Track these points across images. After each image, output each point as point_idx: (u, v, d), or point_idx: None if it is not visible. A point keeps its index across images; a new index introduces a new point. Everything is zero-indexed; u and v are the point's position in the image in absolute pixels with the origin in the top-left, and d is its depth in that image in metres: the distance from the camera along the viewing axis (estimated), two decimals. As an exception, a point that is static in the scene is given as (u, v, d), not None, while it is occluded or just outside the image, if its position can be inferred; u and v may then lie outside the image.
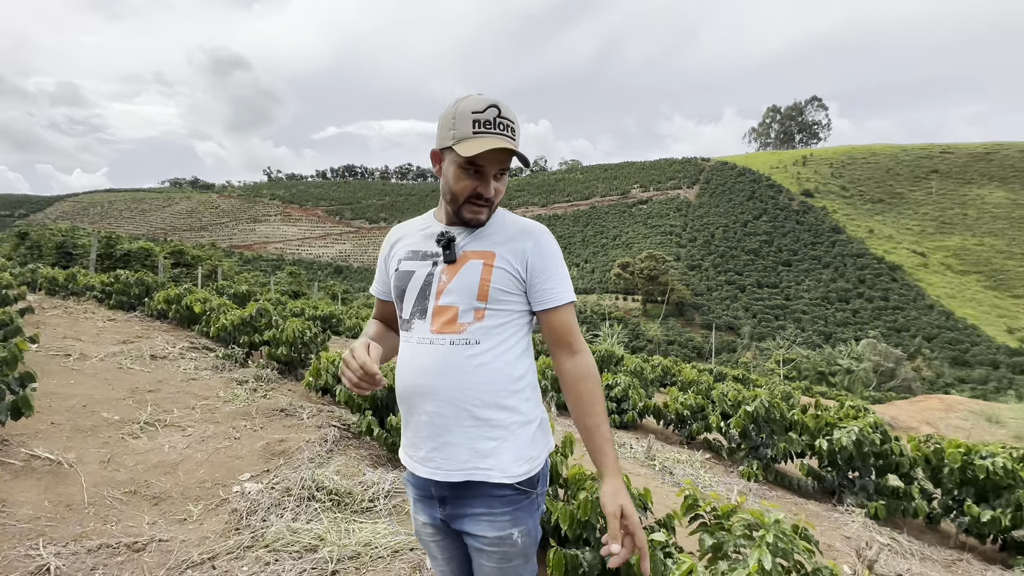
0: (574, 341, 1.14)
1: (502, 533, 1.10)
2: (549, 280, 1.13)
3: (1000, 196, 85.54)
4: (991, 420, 14.56)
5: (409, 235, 1.25)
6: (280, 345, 5.10)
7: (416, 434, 1.13)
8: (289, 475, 2.94)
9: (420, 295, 1.14)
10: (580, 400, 1.12)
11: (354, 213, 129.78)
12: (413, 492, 1.21)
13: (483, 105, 1.07)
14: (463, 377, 1.08)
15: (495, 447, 1.09)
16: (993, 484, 3.58)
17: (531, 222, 1.19)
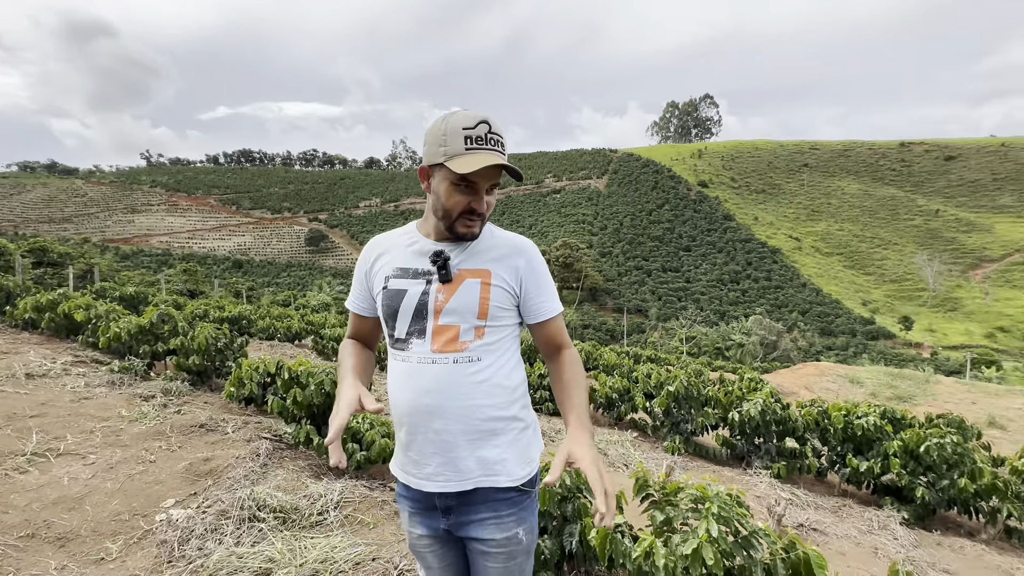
0: (563, 341, 1.24)
1: (509, 533, 1.16)
2: (541, 295, 1.20)
3: (856, 188, 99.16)
4: (853, 381, 17.05)
5: (392, 250, 1.22)
6: (191, 354, 4.64)
7: (421, 452, 1.14)
8: (222, 496, 2.73)
9: (416, 315, 1.14)
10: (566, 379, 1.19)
11: (253, 202, 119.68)
12: (409, 505, 1.21)
13: (473, 121, 1.07)
14: (467, 394, 1.11)
15: (500, 454, 1.14)
16: (867, 439, 4.24)
17: (520, 238, 1.22)
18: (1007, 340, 52.98)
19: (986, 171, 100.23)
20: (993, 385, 17.11)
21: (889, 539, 3.42)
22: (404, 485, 1.21)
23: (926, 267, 69.02)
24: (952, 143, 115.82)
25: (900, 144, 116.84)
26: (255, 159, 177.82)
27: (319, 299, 25.02)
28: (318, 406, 3.47)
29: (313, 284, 70.07)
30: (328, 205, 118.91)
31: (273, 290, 61.63)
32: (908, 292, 67.97)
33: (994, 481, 3.78)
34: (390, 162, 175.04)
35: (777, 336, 44.58)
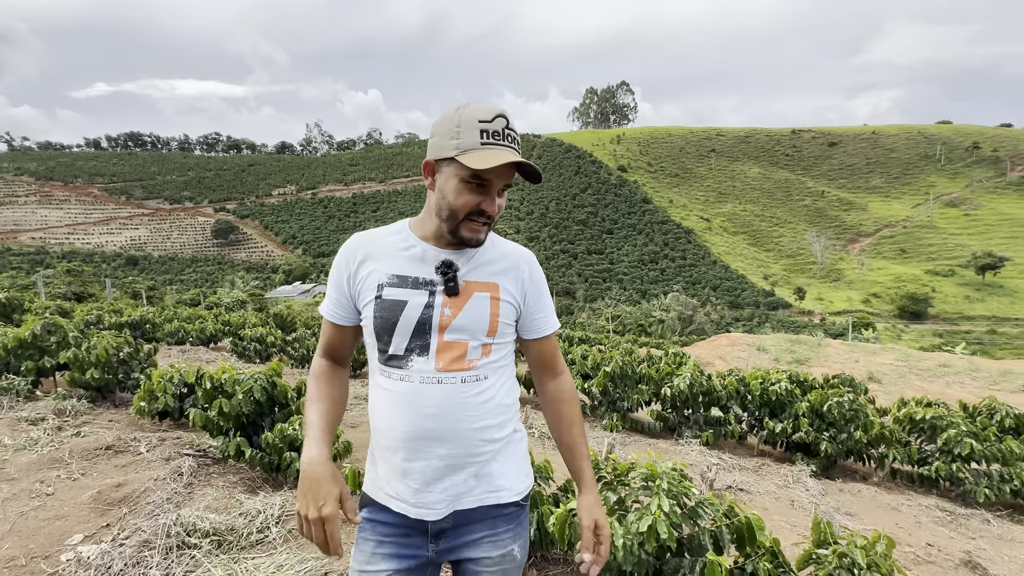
0: (557, 364, 1.20)
1: (504, 551, 1.10)
2: (542, 310, 1.16)
3: (756, 171, 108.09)
4: (760, 349, 18.78)
5: (382, 253, 1.08)
6: (88, 367, 4.11)
7: (422, 477, 1.04)
8: (142, 524, 2.46)
9: (418, 329, 1.03)
10: (561, 420, 1.18)
11: (147, 191, 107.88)
12: (384, 533, 1.06)
13: (491, 114, 0.98)
14: (473, 415, 1.04)
15: (502, 468, 1.09)
16: (780, 403, 4.68)
17: (522, 248, 1.16)
18: (879, 304, 60.86)
19: (861, 156, 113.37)
20: (871, 345, 19.55)
21: (802, 491, 3.82)
22: (385, 510, 1.07)
23: (815, 243, 77.20)
24: (834, 131, 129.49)
25: (792, 131, 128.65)
26: (146, 143, 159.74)
27: (233, 296, 23.15)
28: (247, 415, 3.22)
29: (224, 280, 64.75)
30: (236, 194, 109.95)
31: (177, 288, 56.16)
32: (801, 266, 75.76)
33: (882, 431, 4.33)
34: (304, 147, 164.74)
35: (693, 311, 47.95)
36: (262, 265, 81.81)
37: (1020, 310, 56.84)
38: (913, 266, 72.17)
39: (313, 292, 63.51)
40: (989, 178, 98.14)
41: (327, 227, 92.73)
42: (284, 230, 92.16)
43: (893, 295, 60.66)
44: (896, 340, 42.30)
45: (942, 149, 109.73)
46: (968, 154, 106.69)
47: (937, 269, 69.39)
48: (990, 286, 62.83)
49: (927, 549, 3.13)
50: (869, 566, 1.68)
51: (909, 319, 55.53)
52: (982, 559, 3.04)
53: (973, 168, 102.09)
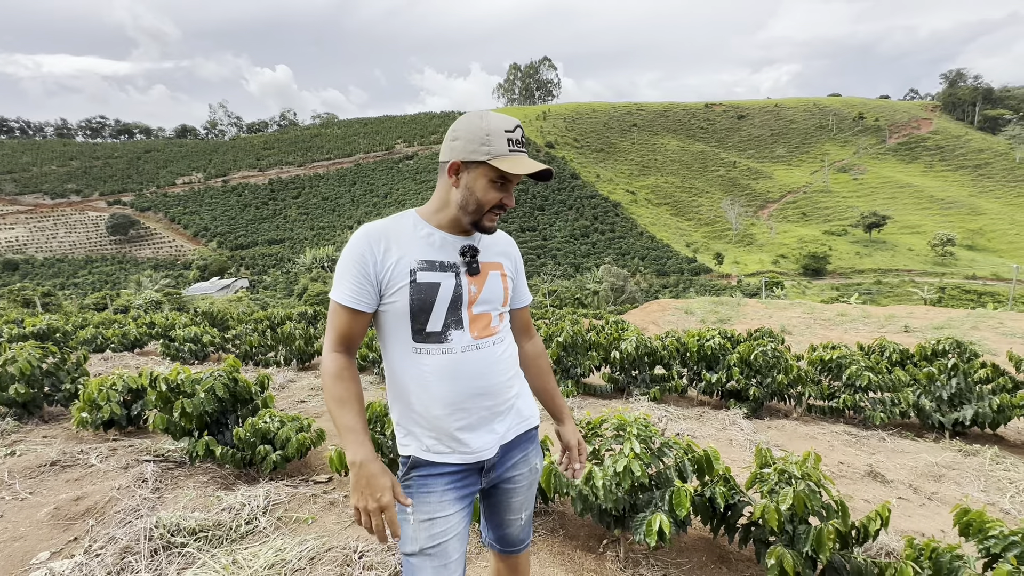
0: (531, 327, 1.50)
1: (532, 464, 1.39)
2: (523, 284, 1.44)
3: (675, 144, 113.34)
4: (687, 312, 20.14)
5: (404, 242, 1.18)
6: (11, 382, 3.76)
7: (474, 431, 1.22)
8: (116, 533, 2.38)
9: (452, 306, 1.18)
10: (540, 371, 1.48)
11: (21, 185, 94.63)
12: (446, 482, 1.20)
13: (512, 125, 1.16)
14: (503, 368, 1.28)
15: (524, 405, 1.37)
16: (714, 356, 5.20)
17: (506, 234, 1.38)
18: (786, 264, 66.86)
19: (766, 128, 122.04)
20: (782, 301, 21.59)
21: (737, 431, 4.32)
22: (439, 465, 1.19)
23: (729, 211, 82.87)
24: (742, 104, 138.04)
25: (705, 105, 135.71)
26: (12, 129, 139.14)
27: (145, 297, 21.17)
28: (211, 413, 3.14)
29: (128, 281, 58.82)
30: (133, 184, 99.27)
31: (72, 293, 50.26)
32: (718, 232, 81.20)
33: (799, 374, 4.96)
34: (209, 130, 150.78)
35: (624, 281, 50.20)
36: (171, 262, 75.10)
37: (900, 262, 64.78)
38: (813, 228, 79.70)
39: (235, 288, 59.38)
40: (872, 145, 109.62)
41: (243, 217, 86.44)
42: (194, 222, 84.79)
43: (797, 255, 66.85)
44: (802, 295, 46.95)
45: (833, 120, 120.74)
46: (855, 124, 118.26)
47: (832, 229, 77.15)
48: (875, 242, 70.93)
49: (839, 466, 3.70)
50: (803, 476, 2.03)
51: (812, 276, 61.59)
52: (881, 469, 3.65)
53: (859, 136, 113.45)
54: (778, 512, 1.88)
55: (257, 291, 56.02)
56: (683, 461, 2.23)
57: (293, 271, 64.16)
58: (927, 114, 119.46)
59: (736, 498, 2.19)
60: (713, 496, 2.17)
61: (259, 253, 74.32)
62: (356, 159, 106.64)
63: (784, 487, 2.00)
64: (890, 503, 1.99)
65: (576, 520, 2.56)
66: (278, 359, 7.26)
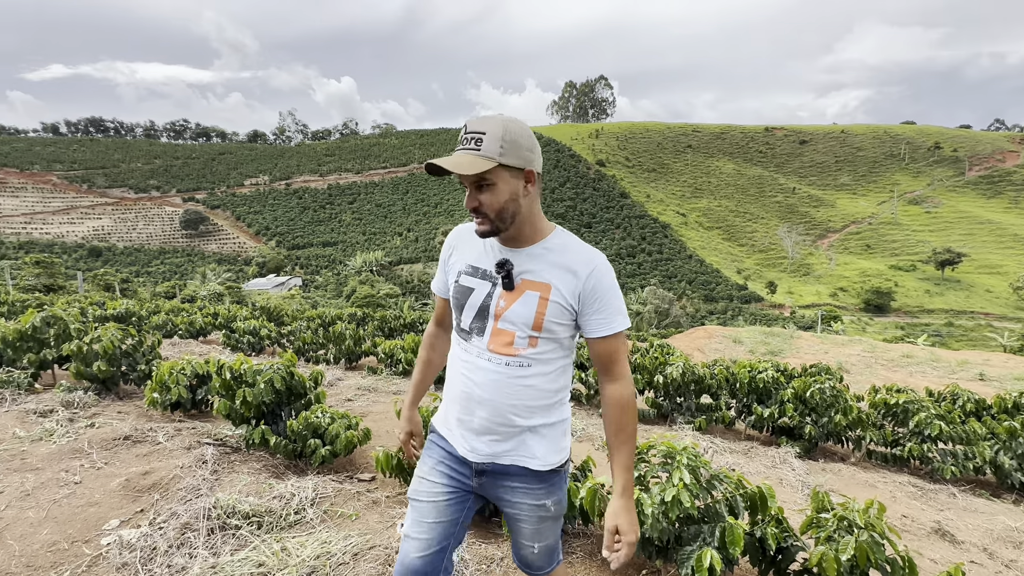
0: (615, 369, 1.23)
1: (537, 503, 1.28)
2: (600, 312, 1.20)
3: (731, 168, 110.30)
4: (735, 341, 19.38)
5: (467, 243, 1.29)
6: (95, 359, 4.10)
7: (469, 428, 1.27)
8: (178, 509, 2.54)
9: (479, 314, 1.22)
10: (610, 424, 1.24)
11: (111, 180, 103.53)
12: (441, 455, 1.32)
13: (464, 125, 1.15)
14: (513, 394, 1.21)
15: (536, 443, 1.26)
16: (766, 390, 4.98)
17: (589, 253, 1.21)
18: (845, 298, 63.18)
19: (830, 154, 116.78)
20: (840, 336, 20.39)
21: (789, 471, 4.10)
22: (443, 439, 1.32)
23: (786, 238, 79.46)
24: (804, 128, 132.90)
25: (765, 129, 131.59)
26: (108, 129, 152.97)
27: (210, 289, 22.61)
28: (267, 404, 3.30)
29: (195, 272, 62.87)
30: (206, 183, 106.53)
31: (145, 281, 54.24)
32: (772, 260, 77.93)
33: (859, 415, 4.66)
34: (278, 136, 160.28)
35: (669, 304, 48.94)
36: (234, 257, 79.72)
37: (976, 304, 59.87)
38: (877, 261, 75.08)
39: (288, 286, 62.26)
40: (949, 177, 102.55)
41: (301, 219, 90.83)
42: (257, 221, 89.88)
43: (859, 289, 63.06)
44: (861, 332, 44.13)
45: (906, 148, 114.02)
46: (930, 154, 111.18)
47: (900, 264, 72.38)
48: (948, 281, 65.91)
49: (902, 520, 3.43)
50: (865, 526, 1.90)
51: (873, 312, 57.89)
52: (950, 527, 3.37)
53: (934, 167, 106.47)
54: (837, 562, 1.78)
55: (309, 290, 58.47)
56: (735, 496, 2.14)
57: (344, 273, 66.60)
58: (1014, 146, 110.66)
59: (789, 542, 2.08)
60: (764, 537, 2.07)
61: (313, 254, 77.70)
62: (410, 168, 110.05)
63: (844, 535, 1.88)
64: (963, 565, 1.84)
65: (616, 546, 2.50)
66: (328, 357, 7.54)
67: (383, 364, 6.83)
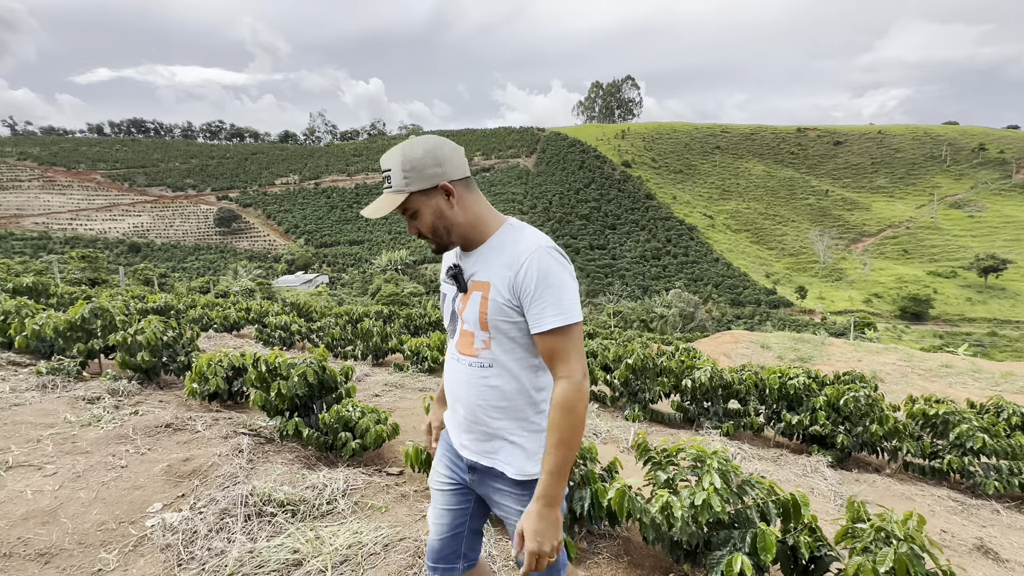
0: (556, 368, 1.13)
1: (522, 506, 1.23)
2: (535, 305, 1.11)
3: (760, 169, 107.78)
4: (763, 346, 18.92)
5: (450, 255, 1.36)
6: (139, 350, 4.29)
7: (456, 424, 1.37)
8: (217, 495, 2.64)
9: (451, 317, 1.32)
10: (547, 425, 1.15)
11: (150, 178, 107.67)
12: (445, 448, 1.43)
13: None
14: (480, 394, 1.24)
15: (511, 451, 1.23)
16: (797, 397, 4.86)
17: (526, 243, 1.15)
18: (880, 304, 60.99)
19: (866, 156, 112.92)
20: (874, 344, 19.71)
21: (820, 480, 4.00)
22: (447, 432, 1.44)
23: (817, 242, 77.20)
24: (839, 129, 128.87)
25: (797, 130, 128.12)
26: (148, 130, 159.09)
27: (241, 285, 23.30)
28: (301, 397, 3.40)
29: (227, 268, 64.88)
30: (239, 182, 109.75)
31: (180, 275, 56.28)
32: (803, 264, 75.80)
33: (896, 425, 4.51)
34: (308, 136, 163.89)
35: (694, 308, 48.09)
36: (264, 254, 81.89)
37: (1021, 312, 56.99)
38: (915, 267, 72.24)
39: (315, 283, 63.62)
40: (994, 180, 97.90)
41: (329, 217, 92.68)
42: (287, 219, 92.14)
43: (895, 295, 60.77)
44: (897, 340, 42.51)
45: (948, 150, 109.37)
46: (974, 155, 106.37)
47: (939, 270, 69.45)
48: (992, 288, 62.94)
49: (941, 535, 3.31)
50: (904, 538, 1.85)
51: (910, 320, 55.73)
52: (993, 545, 3.23)
53: (979, 170, 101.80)
54: (875, 573, 1.73)
55: (335, 288, 59.61)
56: (766, 503, 2.11)
57: (369, 271, 67.70)
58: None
59: (823, 551, 2.04)
60: (797, 545, 2.03)
61: (340, 252, 79.22)
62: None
63: (882, 547, 1.84)
64: (1011, 583, 1.77)
65: (643, 548, 2.49)
66: (356, 353, 7.69)
67: (409, 361, 6.93)
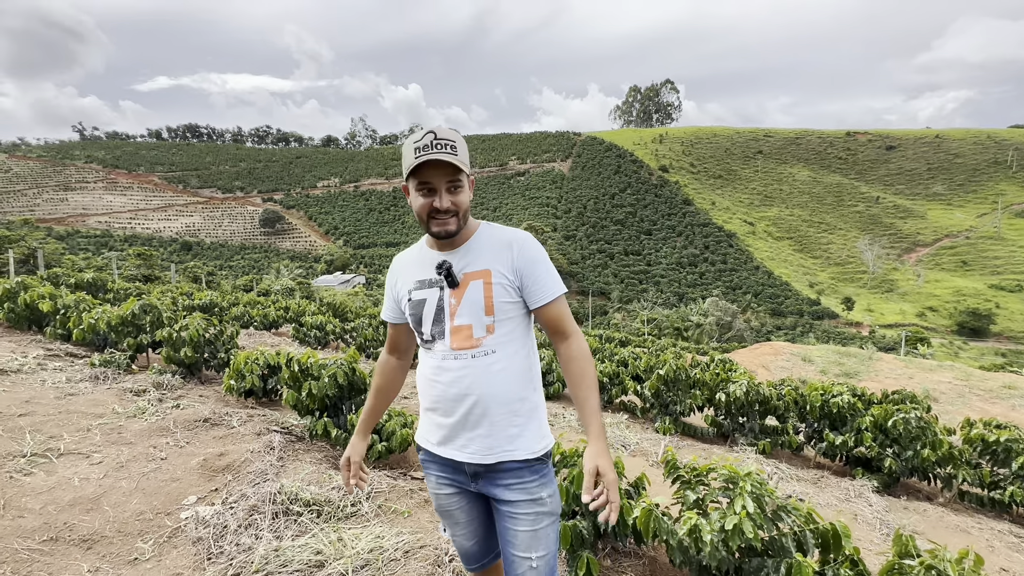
0: (565, 327, 1.31)
1: (533, 496, 1.30)
2: (537, 281, 1.29)
3: (805, 174, 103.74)
4: (805, 359, 18.13)
5: (410, 265, 1.39)
6: (183, 346, 4.48)
7: (453, 429, 1.32)
8: (247, 491, 2.71)
9: (436, 319, 1.30)
10: (571, 377, 1.30)
11: (202, 181, 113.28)
12: (437, 470, 1.39)
13: (422, 134, 1.22)
14: (487, 383, 1.27)
15: (519, 432, 1.30)
16: (841, 416, 4.61)
17: (513, 232, 1.33)
18: (935, 319, 57.49)
19: (922, 161, 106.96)
20: (928, 361, 18.57)
21: (865, 506, 3.77)
22: (431, 453, 1.38)
23: (867, 251, 73.52)
24: (892, 133, 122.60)
25: (846, 134, 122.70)
26: (202, 135, 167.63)
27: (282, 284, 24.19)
28: (331, 398, 3.46)
29: (270, 267, 67.40)
30: (284, 185, 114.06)
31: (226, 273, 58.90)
32: (850, 274, 72.34)
33: (950, 451, 4.21)
34: (349, 141, 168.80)
35: (732, 317, 46.59)
36: (305, 254, 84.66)
37: (1097, 332, 52.53)
38: (975, 279, 67.74)
39: (352, 283, 65.26)
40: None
41: (368, 219, 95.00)
42: (327, 221, 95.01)
43: (951, 309, 57.17)
44: (953, 357, 39.88)
45: (1014, 155, 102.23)
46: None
47: (1002, 284, 64.87)
48: (1063, 304, 58.30)
49: (1001, 574, 3.06)
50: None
51: (968, 336, 52.27)
52: (1062, 588, 2.95)
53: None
54: (924, 616, 1.60)
55: (372, 288, 61.00)
56: (804, 531, 1.99)
57: (404, 273, 68.71)
58: None
59: (866, 587, 1.90)
60: (836, 578, 1.91)
61: (377, 253, 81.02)
62: (472, 173, 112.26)
63: (933, 587, 1.70)
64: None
65: (670, 570, 2.40)
66: (386, 354, 7.80)
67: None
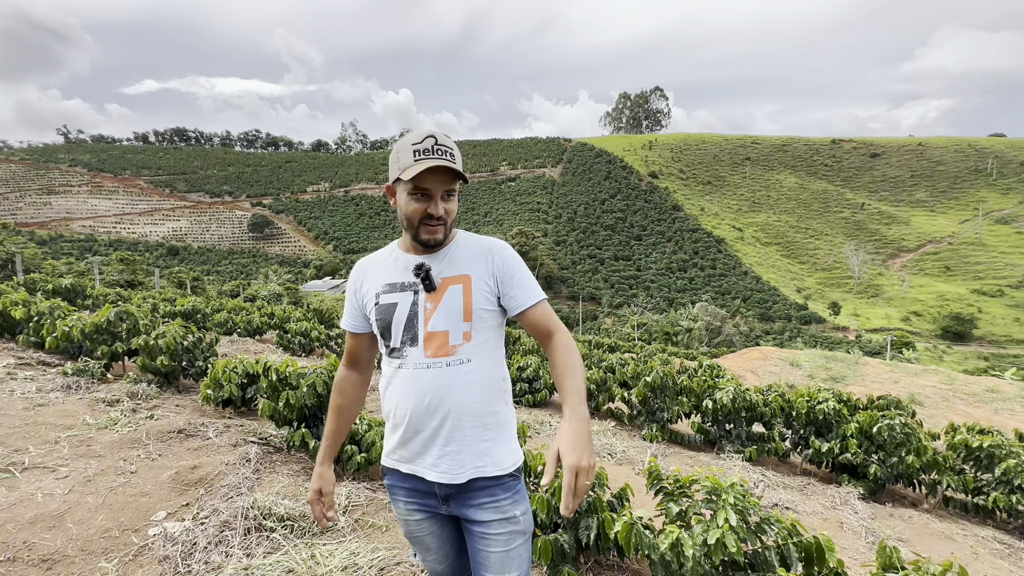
0: (550, 326, 1.26)
1: (506, 515, 1.24)
2: (518, 286, 1.25)
3: (792, 181, 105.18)
4: (793, 364, 18.26)
5: (377, 268, 1.31)
6: (159, 354, 4.36)
7: (422, 446, 1.23)
8: (219, 506, 2.62)
9: (408, 324, 1.22)
10: (556, 368, 1.20)
11: (190, 185, 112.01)
12: (405, 494, 1.29)
13: (421, 137, 1.17)
14: (461, 394, 1.20)
15: (490, 447, 1.24)
16: (827, 422, 4.61)
17: (490, 240, 1.30)
18: (920, 323, 58.35)
19: (905, 168, 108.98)
20: (913, 365, 18.78)
21: (850, 513, 3.75)
22: (399, 474, 1.28)
23: (852, 257, 74.59)
24: (876, 141, 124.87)
25: (832, 141, 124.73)
26: (190, 138, 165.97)
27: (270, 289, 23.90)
28: (310, 407, 3.38)
29: (258, 272, 66.68)
30: (273, 189, 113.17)
31: (214, 279, 58.15)
32: (837, 280, 73.27)
33: (935, 457, 4.22)
34: (339, 145, 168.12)
35: (721, 322, 46.91)
36: (294, 259, 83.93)
37: (1075, 336, 53.63)
38: (958, 284, 68.96)
39: (342, 288, 64.79)
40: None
41: (358, 224, 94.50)
42: (316, 226, 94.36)
43: (935, 314, 58.09)
44: (937, 361, 40.48)
45: (994, 163, 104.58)
46: (1023, 168, 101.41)
47: (984, 288, 66.10)
48: (1043, 309, 59.48)
49: (986, 581, 3.05)
50: (943, 593, 1.67)
51: (952, 340, 53.09)
52: (1045, 595, 2.95)
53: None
54: (908, 632, 1.57)
55: (361, 293, 60.46)
56: (787, 545, 1.95)
57: (394, 278, 68.34)
58: None
59: (850, 600, 1.86)
60: (820, 592, 1.87)
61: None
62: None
63: (917, 602, 1.67)
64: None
65: (653, 584, 2.34)
66: (372, 361, 7.69)
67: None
